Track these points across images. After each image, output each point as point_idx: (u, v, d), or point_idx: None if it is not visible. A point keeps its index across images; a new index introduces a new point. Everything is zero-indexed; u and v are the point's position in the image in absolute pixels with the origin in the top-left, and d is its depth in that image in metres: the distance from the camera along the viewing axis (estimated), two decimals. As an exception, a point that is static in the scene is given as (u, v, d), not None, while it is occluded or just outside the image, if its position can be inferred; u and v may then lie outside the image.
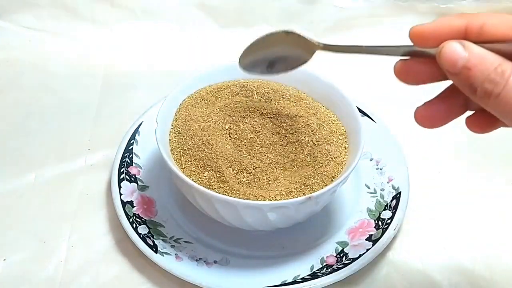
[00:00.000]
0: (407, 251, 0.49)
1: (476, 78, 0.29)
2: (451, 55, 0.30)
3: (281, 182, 0.44)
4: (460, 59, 0.30)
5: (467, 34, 0.31)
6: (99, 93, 0.62)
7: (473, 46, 0.30)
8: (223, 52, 0.67)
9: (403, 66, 0.34)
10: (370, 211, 0.50)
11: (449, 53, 0.30)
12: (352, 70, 0.66)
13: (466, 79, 0.30)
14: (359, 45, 0.37)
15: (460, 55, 0.30)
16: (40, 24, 0.67)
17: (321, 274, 0.45)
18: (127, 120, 0.55)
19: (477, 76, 0.29)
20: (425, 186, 0.53)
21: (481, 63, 0.29)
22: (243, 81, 0.51)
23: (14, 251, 0.48)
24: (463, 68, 0.30)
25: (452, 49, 0.30)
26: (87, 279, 0.46)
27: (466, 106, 0.34)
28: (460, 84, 0.30)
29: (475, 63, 0.29)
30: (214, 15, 0.69)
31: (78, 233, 0.49)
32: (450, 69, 0.30)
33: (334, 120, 0.49)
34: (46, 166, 0.54)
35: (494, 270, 0.48)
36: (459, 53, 0.30)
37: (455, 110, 0.34)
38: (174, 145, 0.46)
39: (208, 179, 0.44)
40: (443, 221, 0.51)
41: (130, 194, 0.50)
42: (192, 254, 0.46)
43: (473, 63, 0.29)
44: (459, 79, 0.30)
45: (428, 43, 0.32)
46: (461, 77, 0.30)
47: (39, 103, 0.61)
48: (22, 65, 0.65)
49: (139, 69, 0.65)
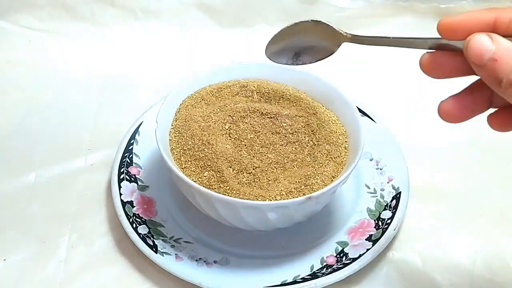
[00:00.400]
0: (407, 251, 0.49)
1: (502, 70, 0.29)
2: (478, 46, 0.30)
3: (281, 182, 0.44)
4: (487, 51, 0.29)
5: (496, 28, 0.31)
6: (99, 93, 0.62)
7: (501, 39, 0.30)
8: (223, 52, 0.67)
9: (429, 59, 0.33)
10: (370, 211, 0.50)
11: (476, 45, 0.30)
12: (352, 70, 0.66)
13: (492, 70, 0.29)
14: (386, 36, 0.36)
15: (487, 47, 0.29)
16: (40, 24, 0.67)
17: (321, 274, 0.45)
18: (127, 120, 0.55)
19: (503, 67, 0.29)
20: (425, 186, 0.53)
21: (508, 55, 0.29)
22: (243, 81, 0.51)
23: (14, 251, 0.48)
24: (490, 60, 0.29)
25: (480, 41, 0.30)
26: (87, 279, 0.46)
27: (490, 102, 0.33)
28: (486, 76, 0.30)
29: (502, 55, 0.29)
30: (214, 15, 0.69)
31: (78, 233, 0.49)
32: (476, 61, 0.30)
33: (334, 120, 0.49)
34: (46, 166, 0.54)
35: (494, 270, 0.48)
36: (487, 45, 0.30)
37: (479, 106, 0.33)
38: (174, 145, 0.46)
39: (208, 179, 0.44)
40: (443, 221, 0.51)
41: (130, 194, 0.50)
42: (192, 254, 0.46)
43: (500, 55, 0.29)
44: (485, 72, 0.30)
45: (456, 36, 0.32)
46: (487, 69, 0.30)
47: (39, 103, 0.61)
48: (22, 65, 0.65)
49: (139, 69, 0.65)
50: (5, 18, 0.67)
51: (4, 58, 0.65)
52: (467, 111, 0.33)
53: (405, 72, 0.65)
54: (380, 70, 0.66)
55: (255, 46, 0.67)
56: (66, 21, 0.68)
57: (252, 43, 0.68)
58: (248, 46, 0.68)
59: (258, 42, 0.68)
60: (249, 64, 0.52)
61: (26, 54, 0.66)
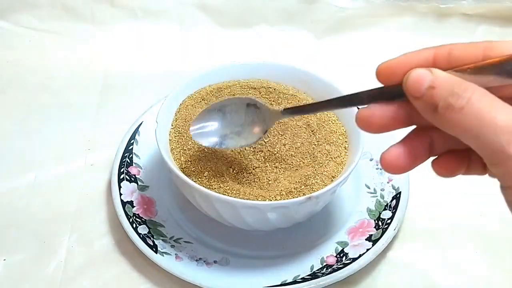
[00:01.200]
0: (407, 251, 0.49)
1: (439, 95, 0.28)
2: (417, 78, 0.29)
3: (281, 182, 0.44)
4: (426, 81, 0.29)
5: (435, 63, 0.31)
6: (99, 93, 0.62)
7: (439, 71, 0.29)
8: (223, 52, 0.67)
9: (366, 113, 0.32)
10: (370, 211, 0.50)
11: (414, 77, 0.30)
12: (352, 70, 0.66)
13: (430, 97, 0.29)
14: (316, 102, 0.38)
15: (426, 78, 0.29)
16: (40, 24, 0.67)
17: (321, 274, 0.45)
18: (127, 120, 0.55)
19: (441, 93, 0.28)
20: (425, 186, 0.53)
21: (446, 81, 0.29)
22: (243, 81, 0.51)
23: (14, 251, 0.48)
24: (428, 88, 0.29)
25: (418, 74, 0.30)
26: (87, 279, 0.46)
27: (431, 150, 0.33)
28: (423, 107, 0.29)
29: (440, 82, 0.29)
30: (214, 15, 0.69)
31: (78, 233, 0.49)
32: (415, 92, 0.30)
33: (334, 120, 0.49)
34: (46, 166, 0.54)
35: (494, 270, 0.48)
36: (425, 76, 0.29)
37: (421, 153, 0.33)
38: (174, 145, 0.46)
39: (208, 179, 0.44)
40: (443, 221, 0.51)
41: (130, 194, 0.50)
42: (192, 254, 0.46)
43: (438, 82, 0.29)
44: (422, 102, 0.29)
45: (396, 78, 0.31)
46: (425, 98, 0.29)
47: (39, 103, 0.61)
48: (22, 65, 0.65)
49: (139, 69, 0.65)
50: (5, 18, 0.67)
51: (4, 58, 0.65)
52: (410, 160, 0.33)
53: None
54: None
55: (255, 46, 0.68)
56: (66, 21, 0.68)
57: (252, 43, 0.68)
58: (248, 46, 0.68)
59: (258, 42, 0.69)
60: (249, 64, 0.52)
61: (26, 54, 0.66)
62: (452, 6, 0.68)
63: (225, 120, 0.42)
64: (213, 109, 0.43)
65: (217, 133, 0.43)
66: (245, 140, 0.42)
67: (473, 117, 0.28)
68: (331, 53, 0.68)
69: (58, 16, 0.68)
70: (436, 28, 0.69)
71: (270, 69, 0.51)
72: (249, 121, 0.42)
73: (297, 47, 0.68)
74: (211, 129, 0.43)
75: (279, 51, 0.68)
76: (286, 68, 0.51)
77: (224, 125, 0.42)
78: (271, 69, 0.51)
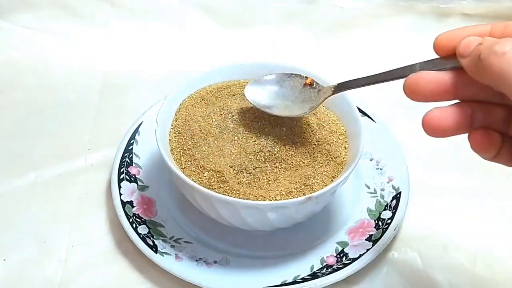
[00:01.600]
0: (407, 251, 0.49)
1: (485, 47, 0.30)
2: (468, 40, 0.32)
3: (281, 182, 0.44)
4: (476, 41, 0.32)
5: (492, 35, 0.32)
6: (99, 93, 0.62)
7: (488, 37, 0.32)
8: (223, 52, 0.67)
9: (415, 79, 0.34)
10: (370, 211, 0.50)
11: (467, 40, 0.32)
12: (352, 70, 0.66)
13: (476, 51, 0.31)
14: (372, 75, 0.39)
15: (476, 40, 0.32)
16: (40, 24, 0.67)
17: (321, 274, 0.45)
18: (127, 120, 0.55)
19: (486, 44, 0.31)
20: (425, 186, 0.53)
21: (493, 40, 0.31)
22: (243, 81, 0.51)
23: (14, 251, 0.48)
24: (477, 45, 0.31)
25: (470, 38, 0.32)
26: (87, 279, 0.46)
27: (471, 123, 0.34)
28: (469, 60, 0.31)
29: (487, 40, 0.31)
30: (214, 15, 0.69)
31: (78, 233, 0.49)
32: (463, 51, 0.32)
33: (334, 120, 0.49)
34: (46, 166, 0.54)
35: (494, 270, 0.48)
36: (476, 39, 0.32)
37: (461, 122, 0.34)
38: (174, 145, 0.46)
39: (208, 179, 0.44)
40: (443, 221, 0.51)
41: (130, 194, 0.50)
42: (192, 254, 0.46)
43: (485, 40, 0.31)
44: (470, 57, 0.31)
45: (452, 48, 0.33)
46: (472, 53, 0.31)
47: (39, 103, 0.61)
48: (22, 65, 0.65)
49: (139, 69, 0.65)
50: (5, 18, 0.67)
51: (4, 58, 0.65)
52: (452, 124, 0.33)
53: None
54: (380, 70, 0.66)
55: (255, 46, 0.68)
56: (66, 21, 0.68)
57: (252, 43, 0.68)
58: (248, 46, 0.68)
59: (258, 42, 0.69)
60: (249, 64, 0.52)
61: (26, 54, 0.66)
62: (452, 6, 0.68)
63: (280, 91, 0.47)
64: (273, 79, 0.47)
65: (270, 99, 0.46)
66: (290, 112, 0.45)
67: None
68: (331, 53, 0.68)
69: (58, 16, 0.68)
70: (436, 28, 0.69)
71: (270, 69, 0.51)
72: (301, 99, 0.45)
73: (297, 47, 0.68)
74: (265, 94, 0.47)
75: (279, 51, 0.68)
76: (286, 68, 0.51)
77: (278, 95, 0.46)
78: (271, 69, 0.51)
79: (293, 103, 0.46)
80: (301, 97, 0.46)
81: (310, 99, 0.45)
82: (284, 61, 0.52)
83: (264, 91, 0.47)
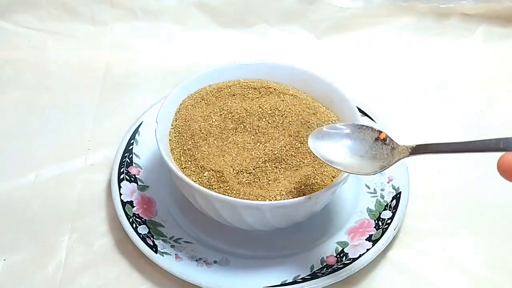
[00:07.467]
0: (407, 251, 0.49)
1: None
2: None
3: (281, 182, 0.44)
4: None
5: None
6: (99, 93, 0.62)
7: None
8: (223, 52, 0.67)
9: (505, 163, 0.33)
10: (370, 211, 0.50)
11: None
12: (352, 70, 0.66)
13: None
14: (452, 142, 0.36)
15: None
16: (40, 24, 0.67)
17: (321, 274, 0.45)
18: (127, 120, 0.55)
19: None
20: (425, 186, 0.53)
21: None
22: (243, 81, 0.51)
23: (14, 251, 0.48)
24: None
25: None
26: (87, 279, 0.46)
27: None
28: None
29: None
30: (214, 15, 0.69)
31: (78, 233, 0.49)
32: None
33: (334, 120, 0.49)
34: (46, 166, 0.54)
35: (494, 270, 0.48)
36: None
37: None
38: (174, 145, 0.46)
39: (208, 179, 0.44)
40: (443, 221, 0.51)
41: (130, 194, 0.50)
42: (192, 254, 0.47)
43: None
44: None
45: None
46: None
47: (39, 103, 0.61)
48: (22, 65, 0.65)
49: (139, 69, 0.65)
50: (5, 18, 0.67)
51: (4, 58, 0.65)
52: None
53: (406, 72, 0.65)
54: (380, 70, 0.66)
55: (255, 46, 0.68)
56: (66, 21, 0.68)
57: (252, 43, 0.68)
58: (248, 46, 0.68)
59: (258, 42, 0.69)
60: (249, 64, 0.52)
61: (26, 54, 0.66)
62: (452, 6, 0.68)
63: (350, 144, 0.42)
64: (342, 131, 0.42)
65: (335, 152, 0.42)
66: (359, 170, 0.41)
67: None
68: (331, 53, 0.68)
69: (58, 16, 0.68)
70: (436, 28, 0.69)
71: (270, 69, 0.51)
72: (371, 155, 0.41)
73: (297, 47, 0.68)
74: (334, 148, 0.42)
75: (279, 51, 0.68)
76: (286, 68, 0.51)
77: (347, 149, 0.42)
78: (271, 69, 0.51)
79: (361, 159, 0.41)
80: (371, 153, 0.41)
81: (381, 156, 0.41)
82: (284, 61, 0.52)
83: (331, 143, 0.42)
